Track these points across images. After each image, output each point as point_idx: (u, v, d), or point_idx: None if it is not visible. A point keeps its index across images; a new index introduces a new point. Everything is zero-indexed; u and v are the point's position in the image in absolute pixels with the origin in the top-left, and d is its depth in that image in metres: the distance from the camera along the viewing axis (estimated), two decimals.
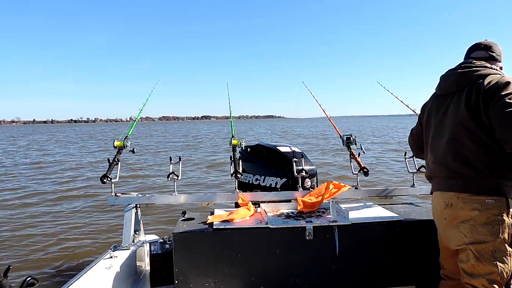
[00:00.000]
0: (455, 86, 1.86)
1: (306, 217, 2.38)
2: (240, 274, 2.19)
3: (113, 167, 2.72)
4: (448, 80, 1.91)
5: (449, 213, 1.83)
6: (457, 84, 1.85)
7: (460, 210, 1.77)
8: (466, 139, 1.76)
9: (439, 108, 1.95)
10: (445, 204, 1.85)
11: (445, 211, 1.85)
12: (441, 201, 1.87)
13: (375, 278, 2.29)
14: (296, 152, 3.14)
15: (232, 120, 3.40)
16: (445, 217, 1.86)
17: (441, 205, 1.88)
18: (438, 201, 1.91)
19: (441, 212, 1.88)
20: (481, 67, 1.83)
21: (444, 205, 1.86)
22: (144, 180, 10.47)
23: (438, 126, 1.94)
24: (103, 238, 5.41)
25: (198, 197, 2.85)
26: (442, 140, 1.89)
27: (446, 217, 1.85)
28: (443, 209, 1.86)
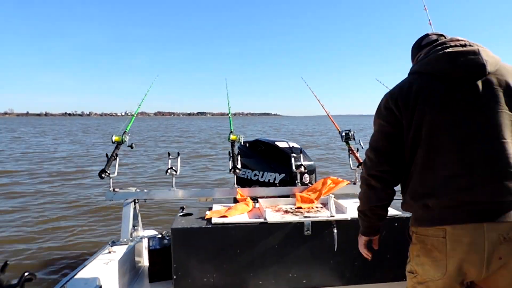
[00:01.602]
0: (484, 67, 1.34)
1: (304, 213, 2.38)
2: (238, 269, 2.19)
3: (111, 162, 2.72)
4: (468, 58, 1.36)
5: (507, 249, 1.29)
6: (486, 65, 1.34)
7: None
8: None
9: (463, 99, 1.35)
10: (501, 239, 1.29)
11: (501, 247, 1.30)
12: (495, 234, 1.29)
13: (374, 273, 2.29)
14: (294, 148, 3.14)
15: (231, 115, 3.40)
16: (501, 256, 1.30)
17: (494, 241, 1.29)
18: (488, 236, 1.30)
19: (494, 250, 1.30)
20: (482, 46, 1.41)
21: (499, 240, 1.29)
22: (142, 175, 10.46)
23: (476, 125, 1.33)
24: (101, 234, 5.41)
25: (196, 193, 2.85)
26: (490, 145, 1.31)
27: (502, 256, 1.30)
28: (498, 245, 1.29)
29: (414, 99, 1.38)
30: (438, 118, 1.35)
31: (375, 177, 1.47)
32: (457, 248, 1.31)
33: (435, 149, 1.35)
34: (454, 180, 1.32)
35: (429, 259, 1.37)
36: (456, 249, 1.31)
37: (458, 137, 1.32)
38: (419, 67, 1.46)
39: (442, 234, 1.32)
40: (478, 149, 1.31)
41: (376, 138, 1.48)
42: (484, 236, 1.28)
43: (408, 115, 1.38)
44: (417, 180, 1.40)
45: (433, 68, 1.40)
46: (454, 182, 1.32)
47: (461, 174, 1.31)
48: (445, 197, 1.32)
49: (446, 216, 1.33)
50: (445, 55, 1.38)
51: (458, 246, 1.31)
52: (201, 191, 2.87)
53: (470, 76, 1.35)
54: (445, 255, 1.33)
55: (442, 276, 1.35)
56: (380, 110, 1.47)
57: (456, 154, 1.32)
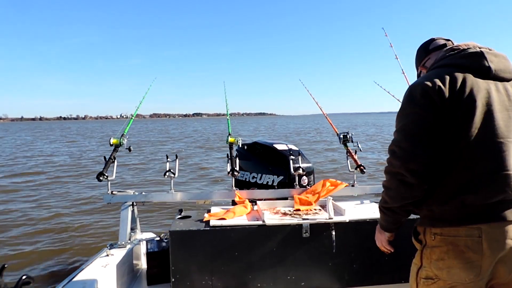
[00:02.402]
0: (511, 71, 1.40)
1: (302, 215, 2.38)
2: (237, 272, 2.19)
3: (109, 165, 2.72)
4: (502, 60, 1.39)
5: None
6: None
7: None
8: None
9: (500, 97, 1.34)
10: None
11: None
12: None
13: (372, 275, 2.29)
14: (293, 150, 3.14)
15: (229, 117, 3.40)
16: None
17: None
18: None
19: None
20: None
21: None
22: (140, 178, 10.44)
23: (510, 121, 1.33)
24: (99, 236, 5.39)
25: (195, 195, 2.85)
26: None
27: None
28: None
29: (460, 91, 1.30)
30: (482, 114, 1.29)
31: (412, 171, 1.30)
32: (494, 247, 1.26)
33: (472, 144, 1.29)
34: (491, 178, 1.27)
35: (460, 261, 1.29)
36: (492, 249, 1.26)
37: (495, 133, 1.29)
38: (452, 60, 1.40)
39: (478, 234, 1.26)
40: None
41: (413, 127, 1.32)
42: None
43: (452, 106, 1.30)
44: (453, 177, 1.32)
45: (472, 63, 1.35)
46: (490, 180, 1.27)
47: (498, 171, 1.27)
48: (484, 195, 1.27)
49: (481, 214, 1.27)
50: (480, 53, 1.36)
51: (495, 245, 1.26)
52: (199, 193, 2.87)
53: (503, 76, 1.36)
54: (481, 255, 1.26)
55: (475, 278, 1.28)
56: (416, 99, 1.33)
57: (493, 151, 1.29)
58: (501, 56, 1.39)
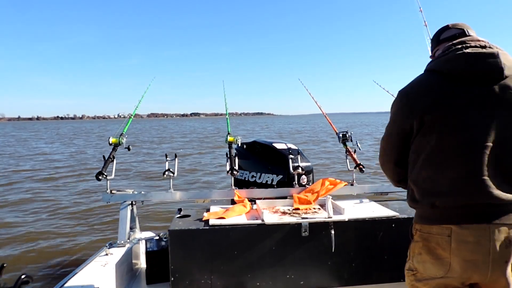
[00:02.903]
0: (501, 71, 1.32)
1: (302, 214, 2.38)
2: (236, 271, 2.19)
3: (108, 164, 2.72)
4: (486, 61, 1.34)
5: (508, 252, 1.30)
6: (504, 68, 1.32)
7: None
8: None
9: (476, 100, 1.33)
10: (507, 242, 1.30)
11: (506, 251, 1.30)
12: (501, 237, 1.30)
13: (371, 274, 2.30)
14: (292, 149, 3.14)
15: (228, 117, 3.40)
16: (507, 259, 1.31)
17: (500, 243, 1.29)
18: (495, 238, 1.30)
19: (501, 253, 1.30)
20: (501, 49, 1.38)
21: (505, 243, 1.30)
22: (140, 177, 10.44)
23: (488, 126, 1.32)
24: (98, 235, 5.39)
25: (194, 194, 2.85)
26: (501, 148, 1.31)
27: (507, 259, 1.31)
28: (504, 248, 1.30)
29: (427, 98, 1.36)
30: (450, 119, 1.33)
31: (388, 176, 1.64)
32: (462, 248, 1.30)
33: (446, 148, 1.34)
34: (462, 182, 1.31)
35: (432, 256, 1.37)
36: (460, 249, 1.31)
37: (468, 139, 1.31)
38: (436, 65, 1.43)
39: (447, 233, 1.32)
40: (487, 152, 1.29)
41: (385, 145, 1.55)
42: (489, 238, 1.27)
43: (420, 114, 1.36)
44: (426, 179, 1.39)
45: (451, 68, 1.37)
46: (461, 184, 1.31)
47: (469, 176, 1.30)
48: (452, 198, 1.32)
49: (452, 216, 1.32)
50: (464, 55, 1.35)
51: (463, 246, 1.30)
52: (198, 192, 2.87)
53: (487, 79, 1.33)
54: (449, 253, 1.32)
55: (444, 274, 1.35)
56: (395, 105, 1.47)
57: (465, 156, 1.32)
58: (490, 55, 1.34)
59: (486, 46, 1.36)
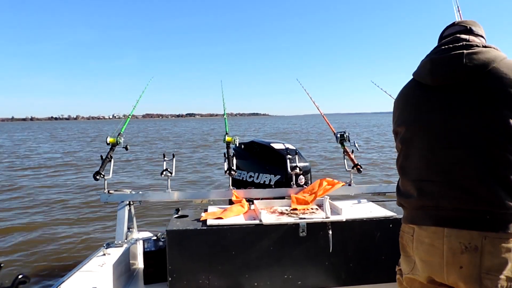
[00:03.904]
0: (464, 74, 1.30)
1: (299, 214, 2.38)
2: (234, 271, 2.19)
3: (106, 164, 2.71)
4: (449, 66, 1.34)
5: (470, 260, 1.26)
6: (467, 71, 1.30)
7: (488, 256, 1.25)
8: (501, 152, 1.23)
9: (436, 105, 1.36)
10: (462, 247, 1.27)
11: (463, 256, 1.27)
12: (455, 242, 1.28)
13: (369, 274, 2.30)
14: (290, 149, 3.14)
15: (226, 117, 3.40)
16: (462, 265, 1.28)
17: (453, 248, 1.28)
18: (448, 242, 1.30)
19: (454, 257, 1.29)
20: (487, 46, 1.34)
21: (460, 248, 1.27)
22: (137, 177, 10.42)
23: (444, 131, 1.33)
24: (96, 236, 5.38)
25: (191, 194, 2.85)
26: (456, 151, 1.30)
27: (463, 265, 1.28)
28: (459, 253, 1.27)
29: (400, 104, 1.50)
30: (412, 124, 1.41)
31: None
32: (419, 248, 1.37)
33: (409, 153, 1.43)
34: (421, 184, 1.37)
35: (404, 253, 1.47)
36: (418, 249, 1.37)
37: (428, 143, 1.36)
38: (414, 71, 1.48)
39: (411, 232, 1.40)
40: (445, 156, 1.31)
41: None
42: (443, 241, 1.29)
43: (395, 120, 1.51)
44: (400, 181, 1.50)
45: (418, 75, 1.45)
46: (421, 186, 1.37)
47: (428, 179, 1.35)
48: (414, 199, 1.39)
49: (414, 216, 1.40)
50: (428, 62, 1.40)
51: (420, 246, 1.37)
52: (196, 192, 2.86)
53: (447, 83, 1.34)
54: (413, 252, 1.41)
55: (410, 271, 1.44)
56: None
57: (425, 159, 1.37)
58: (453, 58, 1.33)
59: (457, 47, 1.35)
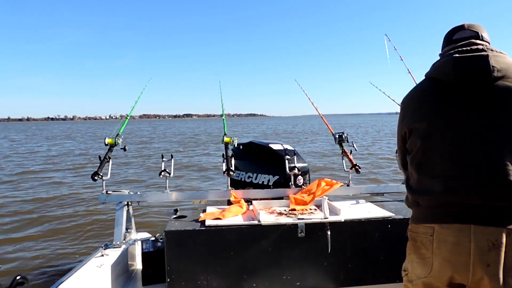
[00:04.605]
0: (489, 74, 1.34)
1: (298, 215, 2.39)
2: (232, 272, 2.19)
3: (104, 164, 2.71)
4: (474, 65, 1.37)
5: (497, 257, 1.25)
6: (493, 71, 1.34)
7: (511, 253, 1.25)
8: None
9: (461, 101, 1.37)
10: (490, 245, 1.26)
11: (490, 254, 1.26)
12: (483, 239, 1.27)
13: (367, 275, 2.30)
14: (288, 150, 3.15)
15: (225, 118, 3.40)
16: (489, 263, 1.26)
17: (481, 245, 1.27)
18: (475, 239, 1.28)
19: (482, 255, 1.27)
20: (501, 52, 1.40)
21: (488, 245, 1.26)
22: (135, 177, 10.41)
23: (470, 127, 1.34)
24: (94, 236, 5.37)
25: (190, 195, 2.84)
26: (483, 147, 1.31)
27: (490, 263, 1.26)
28: (487, 251, 1.26)
29: (414, 103, 1.47)
30: (434, 120, 1.38)
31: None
32: (442, 248, 1.32)
33: (429, 149, 1.39)
34: (445, 180, 1.33)
35: (417, 256, 1.40)
36: (441, 248, 1.32)
37: (452, 139, 1.34)
38: (430, 71, 1.50)
39: (430, 232, 1.35)
40: (471, 151, 1.31)
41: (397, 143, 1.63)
42: (470, 238, 1.27)
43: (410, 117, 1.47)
44: (413, 178, 1.45)
45: (439, 74, 1.44)
46: (445, 182, 1.33)
47: (452, 175, 1.32)
48: (435, 197, 1.34)
49: (435, 215, 1.35)
50: (451, 61, 1.40)
51: (443, 246, 1.32)
52: (194, 193, 2.86)
53: (472, 82, 1.36)
54: (431, 253, 1.34)
55: (427, 274, 1.36)
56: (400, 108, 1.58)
57: (448, 155, 1.34)
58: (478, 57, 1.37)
59: (478, 49, 1.38)
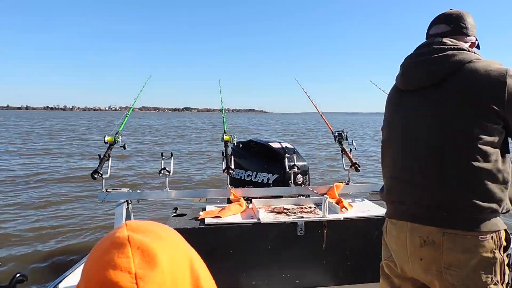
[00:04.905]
0: (426, 78, 1.38)
1: (297, 213, 2.39)
2: (232, 270, 2.20)
3: (103, 162, 2.70)
4: (416, 71, 1.43)
5: (429, 253, 1.33)
6: (428, 76, 1.37)
7: (447, 251, 1.30)
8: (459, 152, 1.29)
9: (405, 108, 1.45)
10: (421, 241, 1.34)
11: (422, 249, 1.34)
12: (415, 236, 1.36)
13: (366, 272, 2.31)
14: (288, 148, 3.15)
15: (224, 115, 3.39)
16: (421, 257, 1.35)
17: (414, 241, 1.37)
18: (410, 235, 1.38)
19: (415, 250, 1.37)
20: (456, 49, 1.36)
21: (420, 242, 1.35)
22: (135, 176, 10.41)
23: (407, 132, 1.43)
24: (94, 234, 5.37)
25: (190, 193, 2.85)
26: (416, 151, 1.38)
27: (422, 258, 1.35)
28: (419, 246, 1.35)
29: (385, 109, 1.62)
30: (387, 126, 1.55)
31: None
32: (390, 239, 1.50)
33: (385, 152, 1.56)
34: (390, 181, 1.50)
35: (383, 241, 1.58)
36: (389, 240, 1.51)
37: (395, 143, 1.48)
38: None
39: (386, 224, 1.55)
40: (408, 154, 1.42)
41: None
42: (406, 234, 1.40)
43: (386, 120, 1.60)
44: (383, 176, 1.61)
45: (395, 80, 1.56)
46: (390, 182, 1.50)
47: (395, 176, 1.47)
48: (385, 195, 1.54)
49: (387, 210, 1.54)
50: (400, 67, 1.52)
51: (390, 238, 1.50)
52: (194, 191, 2.86)
53: (416, 86, 1.43)
54: (386, 242, 1.54)
55: (387, 257, 1.55)
56: None
57: (392, 158, 1.50)
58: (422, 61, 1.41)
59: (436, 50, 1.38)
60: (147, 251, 0.51)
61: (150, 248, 0.52)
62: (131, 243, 0.51)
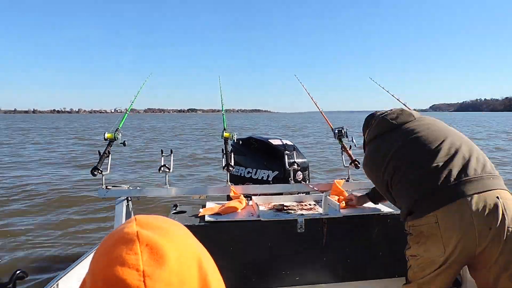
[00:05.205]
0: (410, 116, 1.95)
1: (297, 210, 2.39)
2: (231, 267, 2.20)
3: (103, 159, 2.70)
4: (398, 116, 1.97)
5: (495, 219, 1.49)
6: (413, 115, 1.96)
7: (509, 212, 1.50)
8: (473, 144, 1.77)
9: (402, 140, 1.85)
10: (499, 205, 1.51)
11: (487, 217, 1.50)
12: (491, 200, 1.51)
13: (367, 270, 2.31)
14: (288, 145, 3.14)
15: (224, 113, 3.39)
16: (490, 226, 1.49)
17: (491, 206, 1.50)
18: (486, 202, 1.50)
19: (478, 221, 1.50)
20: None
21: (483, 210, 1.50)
22: (135, 173, 10.41)
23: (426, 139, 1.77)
24: (94, 232, 5.37)
25: (189, 190, 2.84)
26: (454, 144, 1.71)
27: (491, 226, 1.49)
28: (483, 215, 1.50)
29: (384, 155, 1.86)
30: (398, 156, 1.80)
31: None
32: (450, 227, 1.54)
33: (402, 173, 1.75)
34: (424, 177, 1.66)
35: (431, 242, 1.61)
36: (447, 227, 1.54)
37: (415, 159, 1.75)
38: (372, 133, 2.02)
39: (434, 220, 1.57)
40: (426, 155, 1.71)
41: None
42: (469, 211, 1.50)
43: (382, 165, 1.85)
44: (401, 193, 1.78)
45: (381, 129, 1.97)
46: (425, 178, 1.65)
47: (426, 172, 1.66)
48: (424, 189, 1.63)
49: (432, 203, 1.58)
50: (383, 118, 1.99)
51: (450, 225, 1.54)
52: (194, 188, 2.86)
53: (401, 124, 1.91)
54: (441, 236, 1.55)
55: (442, 254, 1.57)
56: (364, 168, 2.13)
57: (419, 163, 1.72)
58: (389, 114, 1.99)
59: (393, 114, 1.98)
60: (155, 248, 0.51)
61: (159, 245, 0.51)
62: (140, 239, 0.51)
